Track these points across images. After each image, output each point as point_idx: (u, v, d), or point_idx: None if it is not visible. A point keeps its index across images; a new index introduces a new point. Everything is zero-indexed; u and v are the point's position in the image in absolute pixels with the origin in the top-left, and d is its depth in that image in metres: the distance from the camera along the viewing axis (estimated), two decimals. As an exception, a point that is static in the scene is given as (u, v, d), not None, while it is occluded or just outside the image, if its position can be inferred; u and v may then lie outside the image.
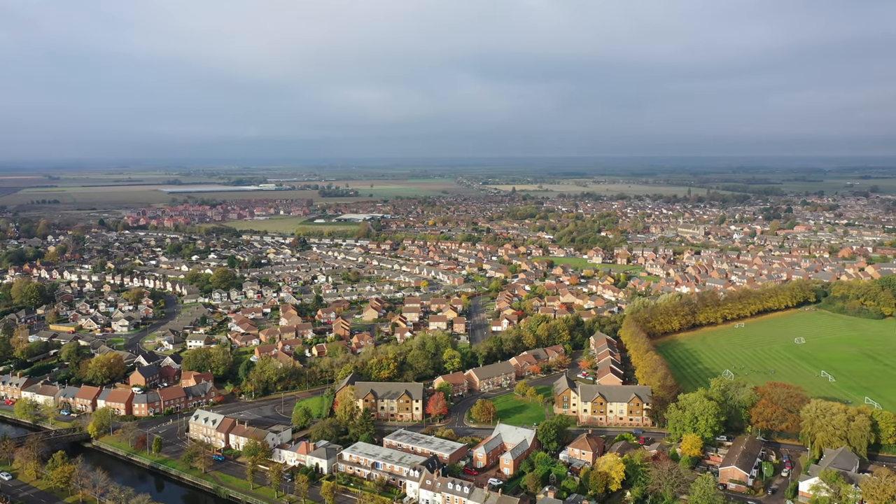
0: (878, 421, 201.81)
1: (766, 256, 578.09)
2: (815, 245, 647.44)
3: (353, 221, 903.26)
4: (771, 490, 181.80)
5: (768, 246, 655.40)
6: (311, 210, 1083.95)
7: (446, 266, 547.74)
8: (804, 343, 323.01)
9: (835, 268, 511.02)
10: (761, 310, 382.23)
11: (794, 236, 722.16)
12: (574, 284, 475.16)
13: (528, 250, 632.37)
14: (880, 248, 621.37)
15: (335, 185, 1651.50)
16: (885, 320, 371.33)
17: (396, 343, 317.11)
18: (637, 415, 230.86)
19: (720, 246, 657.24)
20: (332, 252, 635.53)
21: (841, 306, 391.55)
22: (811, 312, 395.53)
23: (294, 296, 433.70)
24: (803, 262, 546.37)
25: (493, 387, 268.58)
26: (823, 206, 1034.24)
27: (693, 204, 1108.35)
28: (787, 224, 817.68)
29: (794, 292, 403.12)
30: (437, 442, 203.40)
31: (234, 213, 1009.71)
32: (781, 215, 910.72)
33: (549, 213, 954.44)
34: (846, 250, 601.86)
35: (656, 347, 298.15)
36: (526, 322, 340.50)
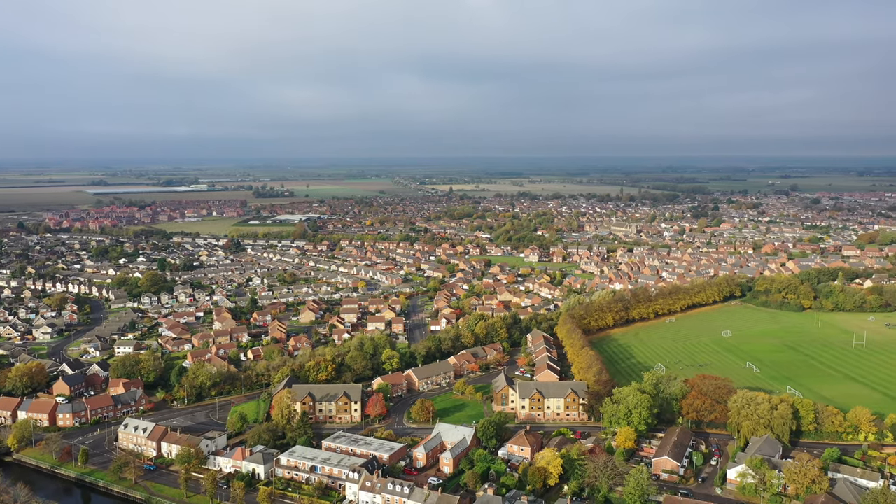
0: (799, 409, 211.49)
1: (695, 253, 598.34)
2: (740, 242, 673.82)
3: (289, 222, 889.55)
4: (701, 478, 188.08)
5: (696, 243, 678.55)
6: (246, 211, 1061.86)
7: (384, 266, 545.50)
8: (731, 336, 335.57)
9: (758, 263, 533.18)
10: (690, 305, 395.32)
11: (720, 233, 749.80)
12: (511, 283, 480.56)
13: (465, 249, 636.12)
14: (800, 244, 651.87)
15: (270, 185, 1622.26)
16: (804, 313, 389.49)
17: (334, 345, 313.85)
18: (574, 410, 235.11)
19: (651, 243, 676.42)
20: (267, 253, 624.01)
21: (764, 300, 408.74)
22: (737, 306, 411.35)
23: (228, 299, 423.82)
24: (729, 258, 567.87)
25: (433, 386, 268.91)
26: (747, 204, 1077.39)
27: (625, 203, 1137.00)
28: (714, 222, 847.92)
29: (720, 287, 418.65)
30: (377, 443, 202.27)
31: (164, 215, 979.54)
32: (709, 213, 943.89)
33: (487, 213, 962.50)
34: (768, 246, 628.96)
35: (592, 343, 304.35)
36: (464, 321, 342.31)
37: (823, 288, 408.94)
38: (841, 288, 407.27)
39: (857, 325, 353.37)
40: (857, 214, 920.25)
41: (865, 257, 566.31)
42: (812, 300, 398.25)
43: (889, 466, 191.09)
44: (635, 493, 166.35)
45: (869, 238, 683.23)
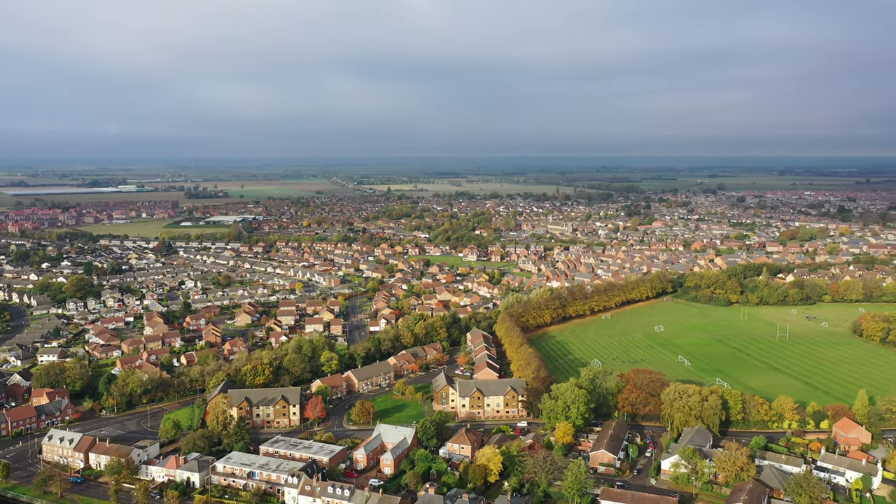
0: (728, 399, 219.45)
1: (629, 251, 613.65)
2: (671, 239, 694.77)
3: (223, 224, 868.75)
4: (637, 470, 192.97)
5: (630, 241, 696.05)
6: (177, 212, 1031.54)
7: (322, 267, 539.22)
8: (663, 331, 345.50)
9: (688, 260, 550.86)
10: (625, 301, 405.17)
11: (652, 231, 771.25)
12: (450, 282, 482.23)
13: (404, 250, 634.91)
14: (727, 241, 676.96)
15: (203, 185, 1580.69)
16: (732, 307, 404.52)
17: (272, 348, 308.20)
18: (513, 407, 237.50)
19: (587, 242, 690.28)
20: (200, 256, 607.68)
21: (694, 295, 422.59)
22: (669, 302, 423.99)
23: (160, 303, 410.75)
24: (661, 255, 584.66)
25: (373, 387, 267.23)
26: (677, 202, 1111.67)
27: (561, 202, 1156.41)
28: (646, 220, 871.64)
29: (653, 284, 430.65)
30: (316, 446, 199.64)
31: (90, 217, 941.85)
32: (641, 212, 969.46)
33: (425, 213, 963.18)
34: (698, 243, 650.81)
35: (530, 341, 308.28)
36: (404, 321, 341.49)
37: (749, 283, 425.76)
38: (765, 282, 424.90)
39: (780, 317, 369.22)
40: (780, 212, 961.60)
41: (787, 253, 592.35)
42: (739, 295, 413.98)
43: (811, 452, 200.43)
44: (574, 486, 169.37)
45: (790, 234, 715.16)
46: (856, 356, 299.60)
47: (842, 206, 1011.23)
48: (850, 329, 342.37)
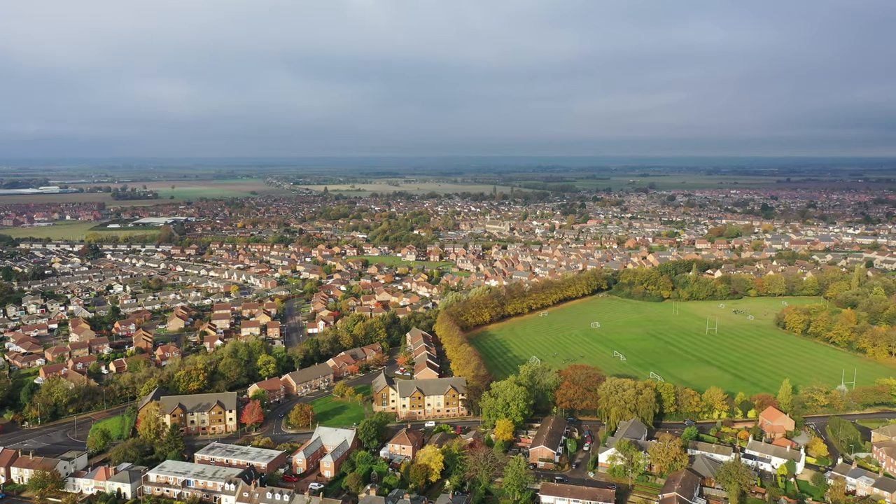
0: (662, 392, 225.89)
1: (565, 249, 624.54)
2: (605, 237, 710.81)
3: (154, 225, 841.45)
4: (575, 464, 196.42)
5: (566, 239, 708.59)
6: (104, 214, 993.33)
7: (258, 269, 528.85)
8: (599, 327, 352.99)
9: (622, 257, 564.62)
10: (562, 298, 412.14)
11: (587, 229, 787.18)
12: (389, 282, 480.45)
13: (342, 250, 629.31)
14: (658, 239, 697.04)
15: (131, 186, 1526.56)
16: (664, 302, 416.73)
17: (206, 352, 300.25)
18: (454, 406, 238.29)
19: (524, 240, 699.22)
20: (129, 259, 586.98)
21: (628, 292, 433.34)
22: (604, 298, 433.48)
23: (86, 308, 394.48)
24: (596, 252, 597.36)
25: (312, 390, 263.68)
26: (611, 201, 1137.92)
27: (499, 201, 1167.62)
28: (582, 218, 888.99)
29: (589, 281, 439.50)
30: (254, 452, 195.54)
31: (8, 220, 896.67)
32: (576, 211, 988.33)
33: (363, 213, 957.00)
34: (631, 241, 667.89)
35: (469, 339, 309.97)
36: (342, 322, 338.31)
37: (680, 279, 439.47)
38: (695, 278, 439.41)
39: (709, 312, 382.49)
40: (708, 210, 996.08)
41: (715, 249, 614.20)
42: (670, 290, 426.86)
43: (739, 440, 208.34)
44: (514, 482, 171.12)
45: (718, 231, 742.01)
46: (779, 347, 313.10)
47: (765, 204, 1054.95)
48: (773, 322, 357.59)
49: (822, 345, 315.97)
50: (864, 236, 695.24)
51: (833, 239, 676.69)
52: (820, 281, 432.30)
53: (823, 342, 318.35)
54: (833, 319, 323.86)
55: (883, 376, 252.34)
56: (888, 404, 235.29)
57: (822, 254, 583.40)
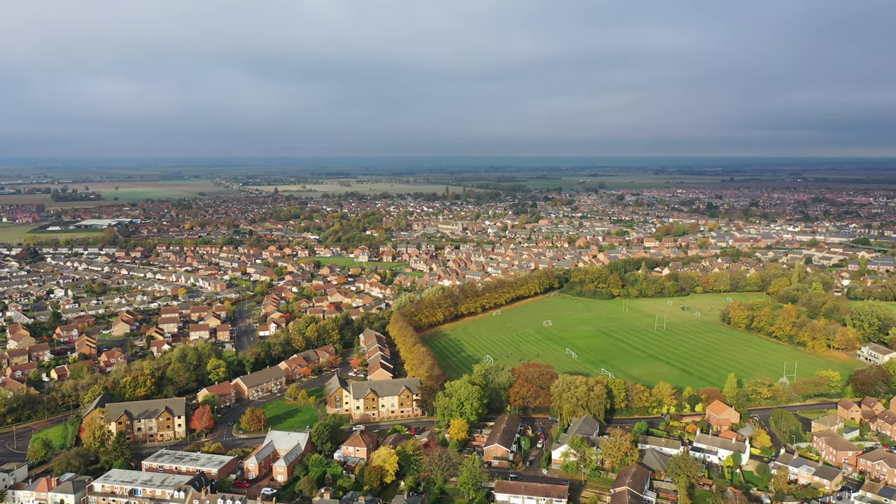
0: (613, 389, 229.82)
1: (517, 248, 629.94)
2: (556, 236, 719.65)
3: (97, 228, 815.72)
4: (529, 461, 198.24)
5: (518, 238, 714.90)
6: (43, 216, 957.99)
7: (207, 272, 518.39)
8: (551, 325, 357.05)
9: (573, 256, 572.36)
10: (514, 297, 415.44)
11: (539, 229, 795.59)
12: (342, 284, 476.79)
13: (293, 251, 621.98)
14: (608, 237, 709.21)
15: (72, 187, 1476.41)
16: (614, 300, 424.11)
17: (153, 357, 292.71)
18: (408, 406, 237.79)
19: (477, 240, 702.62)
20: (71, 262, 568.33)
21: (579, 290, 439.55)
22: (556, 297, 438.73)
23: (25, 314, 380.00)
24: (548, 252, 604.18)
25: (264, 393, 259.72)
26: (562, 200, 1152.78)
27: (451, 201, 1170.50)
28: (533, 218, 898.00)
29: (541, 280, 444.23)
30: (204, 458, 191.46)
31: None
32: (528, 210, 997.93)
33: (314, 214, 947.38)
34: (582, 240, 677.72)
35: (423, 340, 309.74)
36: (294, 324, 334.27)
37: (629, 277, 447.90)
38: (644, 276, 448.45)
39: (657, 309, 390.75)
40: (655, 209, 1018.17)
41: (663, 247, 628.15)
42: (620, 288, 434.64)
43: (688, 434, 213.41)
44: (469, 481, 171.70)
45: (665, 230, 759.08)
46: (725, 342, 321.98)
47: (710, 203, 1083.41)
48: (719, 317, 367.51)
49: (765, 339, 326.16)
50: (803, 234, 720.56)
51: (774, 236, 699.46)
52: (762, 277, 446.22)
53: (766, 336, 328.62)
54: (775, 314, 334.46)
55: (822, 368, 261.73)
56: (827, 395, 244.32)
57: (764, 251, 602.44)
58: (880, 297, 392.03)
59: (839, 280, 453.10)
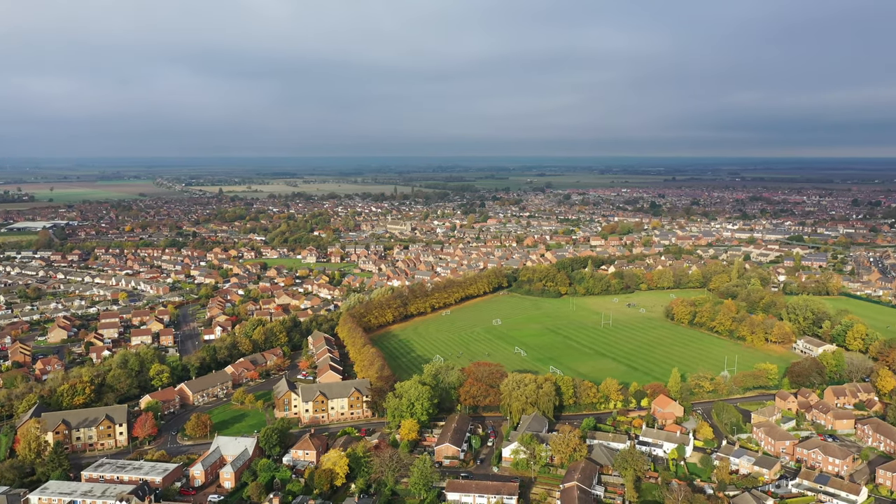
0: (561, 386, 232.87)
1: (466, 248, 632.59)
2: (505, 236, 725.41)
3: (30, 230, 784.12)
4: (480, 460, 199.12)
5: (467, 238, 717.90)
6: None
7: (148, 275, 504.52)
8: (501, 324, 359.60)
9: (521, 255, 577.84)
10: (464, 297, 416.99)
11: (487, 228, 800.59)
12: (289, 285, 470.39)
13: (239, 253, 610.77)
14: (555, 236, 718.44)
15: (3, 189, 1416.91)
16: (562, 298, 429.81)
17: (93, 364, 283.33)
18: (358, 408, 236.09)
19: (426, 240, 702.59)
20: (3, 267, 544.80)
21: (528, 289, 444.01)
22: (505, 296, 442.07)
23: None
24: (496, 251, 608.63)
25: (210, 398, 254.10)
26: (510, 200, 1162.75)
27: (400, 201, 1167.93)
28: (482, 218, 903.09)
29: (490, 279, 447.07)
30: (148, 466, 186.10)
31: None
32: (476, 210, 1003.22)
33: (260, 214, 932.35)
34: (530, 239, 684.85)
35: (373, 341, 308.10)
36: (241, 327, 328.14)
37: (576, 275, 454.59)
38: (590, 274, 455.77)
39: (604, 306, 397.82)
40: (601, 208, 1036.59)
41: (609, 246, 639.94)
42: (567, 286, 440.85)
43: (634, 428, 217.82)
44: (420, 481, 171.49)
45: (610, 229, 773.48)
46: (669, 338, 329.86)
47: (653, 202, 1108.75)
48: (663, 314, 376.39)
49: (707, 334, 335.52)
50: (741, 231, 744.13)
51: (715, 234, 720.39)
52: (704, 274, 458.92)
53: (708, 332, 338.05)
54: (716, 310, 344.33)
55: (760, 361, 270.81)
56: (765, 387, 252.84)
57: (705, 248, 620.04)
58: (814, 292, 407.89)
59: (776, 276, 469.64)
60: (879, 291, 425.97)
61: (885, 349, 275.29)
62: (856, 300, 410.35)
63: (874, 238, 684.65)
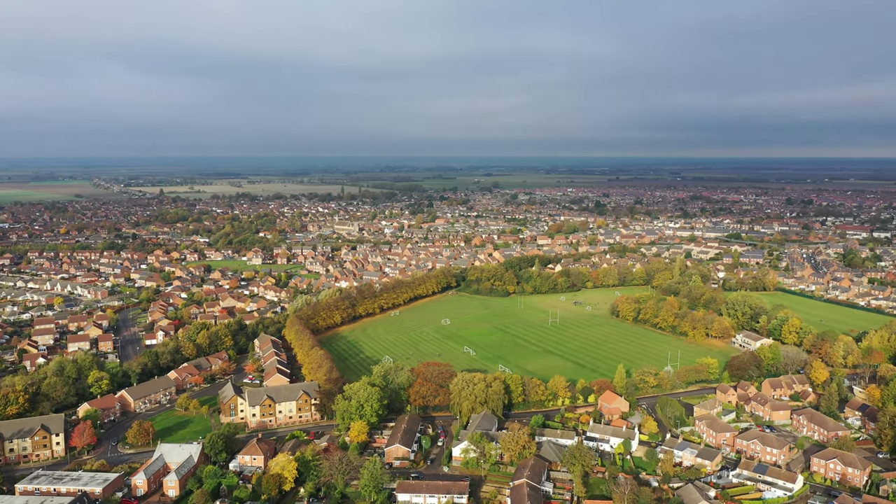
0: (510, 384, 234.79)
1: (414, 248, 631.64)
2: (453, 235, 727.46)
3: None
4: (430, 460, 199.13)
5: (415, 238, 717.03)
6: None
7: (86, 279, 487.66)
8: (450, 324, 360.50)
9: (469, 255, 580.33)
10: (413, 297, 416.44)
11: (435, 228, 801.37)
12: (235, 287, 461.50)
13: (181, 255, 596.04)
14: (503, 236, 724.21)
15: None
16: (510, 297, 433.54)
17: (26, 372, 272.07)
18: (306, 411, 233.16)
19: (374, 240, 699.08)
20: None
21: (476, 288, 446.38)
22: (453, 296, 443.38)
23: None
24: (445, 251, 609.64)
25: (152, 405, 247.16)
26: (458, 200, 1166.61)
27: (347, 202, 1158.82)
28: (430, 217, 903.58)
29: (438, 279, 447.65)
30: (87, 477, 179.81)
31: None
32: (424, 210, 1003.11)
33: (204, 216, 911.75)
34: (477, 239, 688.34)
35: (321, 343, 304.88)
36: (184, 331, 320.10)
37: (524, 274, 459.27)
38: (538, 273, 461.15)
39: (551, 304, 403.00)
40: (547, 207, 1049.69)
41: (555, 245, 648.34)
42: (515, 285, 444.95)
43: (581, 424, 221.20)
44: (370, 484, 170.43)
45: (557, 228, 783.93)
46: (614, 335, 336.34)
47: (598, 201, 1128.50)
48: (608, 311, 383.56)
49: (651, 330, 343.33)
50: (683, 230, 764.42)
51: (657, 233, 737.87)
52: (647, 272, 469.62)
53: (652, 328, 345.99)
54: (659, 307, 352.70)
55: (702, 356, 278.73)
56: (707, 381, 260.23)
57: (648, 247, 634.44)
58: (751, 288, 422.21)
59: (715, 273, 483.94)
60: (812, 286, 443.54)
61: (818, 342, 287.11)
62: (791, 295, 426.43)
63: (807, 235, 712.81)
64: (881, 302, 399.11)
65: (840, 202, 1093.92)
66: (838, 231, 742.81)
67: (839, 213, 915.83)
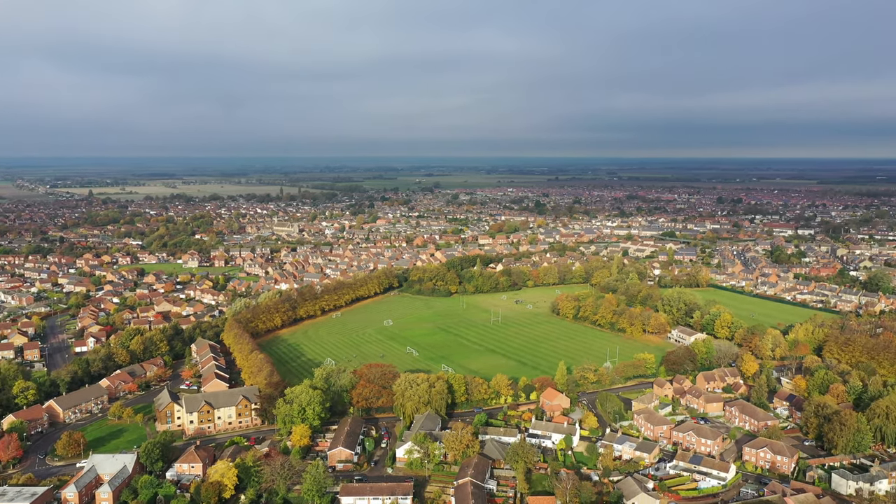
0: (453, 383, 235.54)
1: (355, 249, 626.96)
2: (395, 236, 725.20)
3: None
4: (374, 462, 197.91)
5: (356, 239, 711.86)
6: None
7: (9, 284, 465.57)
8: (392, 324, 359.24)
9: (411, 255, 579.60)
10: (354, 298, 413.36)
11: (377, 229, 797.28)
12: (170, 291, 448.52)
13: (113, 259, 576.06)
14: (445, 236, 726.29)
15: None
16: (452, 297, 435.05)
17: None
18: (246, 416, 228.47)
19: (314, 242, 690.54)
20: None
21: (418, 288, 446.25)
22: (396, 296, 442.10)
23: None
24: (386, 251, 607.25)
25: (83, 415, 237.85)
26: (399, 200, 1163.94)
27: (286, 203, 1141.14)
28: (371, 218, 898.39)
29: (380, 280, 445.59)
30: (13, 492, 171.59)
31: None
32: (365, 210, 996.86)
33: (136, 218, 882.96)
34: (419, 239, 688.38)
35: (261, 346, 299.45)
36: (117, 338, 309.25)
37: (466, 273, 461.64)
38: (479, 273, 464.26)
39: (493, 303, 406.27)
40: (488, 207, 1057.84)
41: (496, 244, 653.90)
42: (457, 285, 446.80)
43: (524, 422, 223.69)
44: (313, 488, 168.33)
45: (498, 227, 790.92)
46: (555, 332, 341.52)
47: (538, 201, 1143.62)
48: (549, 309, 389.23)
49: (591, 327, 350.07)
50: (620, 228, 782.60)
51: (596, 231, 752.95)
52: (586, 270, 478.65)
53: (591, 325, 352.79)
54: (598, 304, 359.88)
55: (639, 352, 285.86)
56: (644, 376, 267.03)
57: (587, 245, 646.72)
58: (685, 285, 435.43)
59: (651, 270, 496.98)
60: (742, 282, 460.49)
61: (748, 336, 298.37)
62: (722, 291, 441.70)
63: (737, 233, 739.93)
64: (806, 296, 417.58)
65: (767, 201, 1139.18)
66: (766, 229, 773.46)
67: (766, 212, 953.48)
